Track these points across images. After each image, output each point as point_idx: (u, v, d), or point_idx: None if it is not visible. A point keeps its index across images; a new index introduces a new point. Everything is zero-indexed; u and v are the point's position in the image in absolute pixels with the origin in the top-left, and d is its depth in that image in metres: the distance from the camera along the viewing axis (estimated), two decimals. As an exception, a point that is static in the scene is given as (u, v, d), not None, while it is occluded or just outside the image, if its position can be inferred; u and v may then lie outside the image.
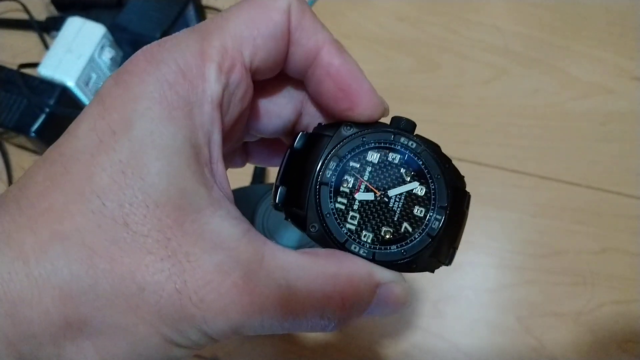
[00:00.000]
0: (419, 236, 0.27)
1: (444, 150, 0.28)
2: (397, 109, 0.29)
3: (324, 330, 0.25)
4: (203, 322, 0.21)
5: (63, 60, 0.62)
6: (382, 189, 0.27)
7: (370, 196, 0.27)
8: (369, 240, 0.27)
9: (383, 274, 0.26)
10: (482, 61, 0.69)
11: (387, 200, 0.27)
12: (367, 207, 0.27)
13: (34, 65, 0.64)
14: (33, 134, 0.60)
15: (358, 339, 0.56)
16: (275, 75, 0.27)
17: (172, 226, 0.21)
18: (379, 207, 0.27)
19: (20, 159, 0.66)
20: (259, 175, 0.61)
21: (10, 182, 0.65)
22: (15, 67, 0.63)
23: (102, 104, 0.23)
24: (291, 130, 0.30)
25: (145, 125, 0.22)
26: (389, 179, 0.27)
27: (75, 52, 0.62)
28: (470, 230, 0.61)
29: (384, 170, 0.28)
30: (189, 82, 0.23)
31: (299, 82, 0.28)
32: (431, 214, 0.27)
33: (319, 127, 0.28)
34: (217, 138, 0.24)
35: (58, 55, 0.62)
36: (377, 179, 0.27)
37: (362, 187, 0.27)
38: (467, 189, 0.28)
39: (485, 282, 0.58)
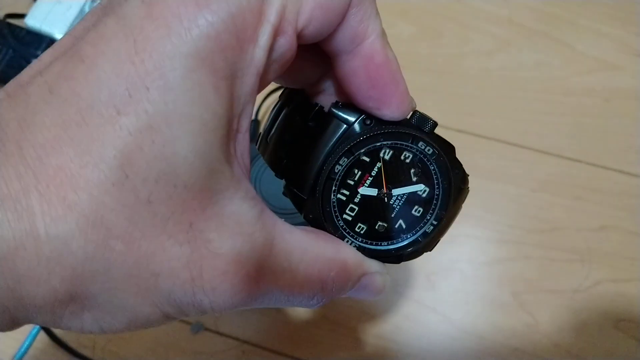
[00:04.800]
0: (411, 236, 0.27)
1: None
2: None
3: (310, 306, 0.25)
4: (209, 307, 0.21)
5: (52, 11, 0.60)
6: (387, 186, 0.27)
7: (373, 192, 0.27)
8: (362, 232, 0.27)
9: (371, 265, 0.27)
10: (486, 32, 0.67)
11: (389, 197, 0.27)
12: (368, 201, 0.27)
13: (21, 16, 0.61)
14: (18, 87, 0.58)
15: (350, 309, 0.54)
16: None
17: (197, 209, 0.20)
18: (379, 203, 0.27)
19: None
20: (252, 135, 0.59)
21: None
22: (1, 17, 0.61)
23: (132, 41, 0.19)
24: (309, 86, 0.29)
25: (186, 91, 0.19)
26: (396, 177, 0.27)
27: (64, 4, 0.60)
28: (468, 202, 0.59)
29: (394, 168, 0.27)
30: (240, 46, 0.20)
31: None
32: (428, 217, 0.27)
33: (336, 107, 0.26)
34: (250, 109, 0.22)
35: (46, 6, 0.60)
36: (385, 175, 0.27)
37: (368, 182, 0.26)
38: (467, 159, 0.28)
39: (481, 255, 0.57)
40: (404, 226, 0.27)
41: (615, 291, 0.55)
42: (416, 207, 0.27)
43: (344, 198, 0.26)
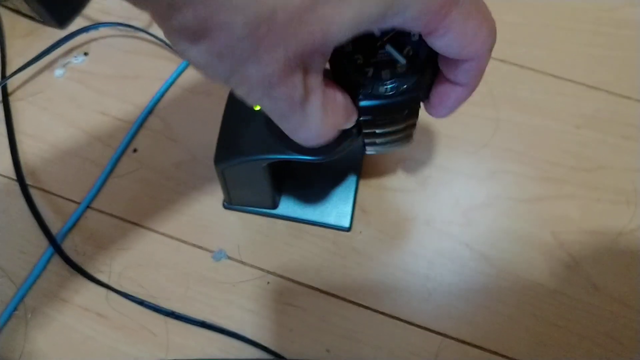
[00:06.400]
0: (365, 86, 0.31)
1: None
2: None
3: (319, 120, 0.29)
4: None
5: None
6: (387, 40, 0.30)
7: (385, 56, 0.30)
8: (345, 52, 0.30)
9: None
10: (534, -44, 0.62)
11: (381, 46, 0.30)
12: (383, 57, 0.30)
13: None
14: (30, -6, 0.53)
15: (380, 242, 0.51)
16: None
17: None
18: (372, 43, 0.30)
19: (14, 24, 0.59)
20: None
21: (2, 48, 0.58)
22: None
23: None
24: None
25: None
26: (397, 41, 0.30)
27: None
28: (509, 137, 0.56)
29: (401, 37, 0.30)
30: None
31: None
32: (387, 83, 0.31)
33: None
34: None
35: None
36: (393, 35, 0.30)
37: (395, 50, 0.30)
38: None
39: (521, 193, 0.54)
40: (370, 74, 0.30)
41: (661, 235, 0.52)
42: (387, 71, 0.30)
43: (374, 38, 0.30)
